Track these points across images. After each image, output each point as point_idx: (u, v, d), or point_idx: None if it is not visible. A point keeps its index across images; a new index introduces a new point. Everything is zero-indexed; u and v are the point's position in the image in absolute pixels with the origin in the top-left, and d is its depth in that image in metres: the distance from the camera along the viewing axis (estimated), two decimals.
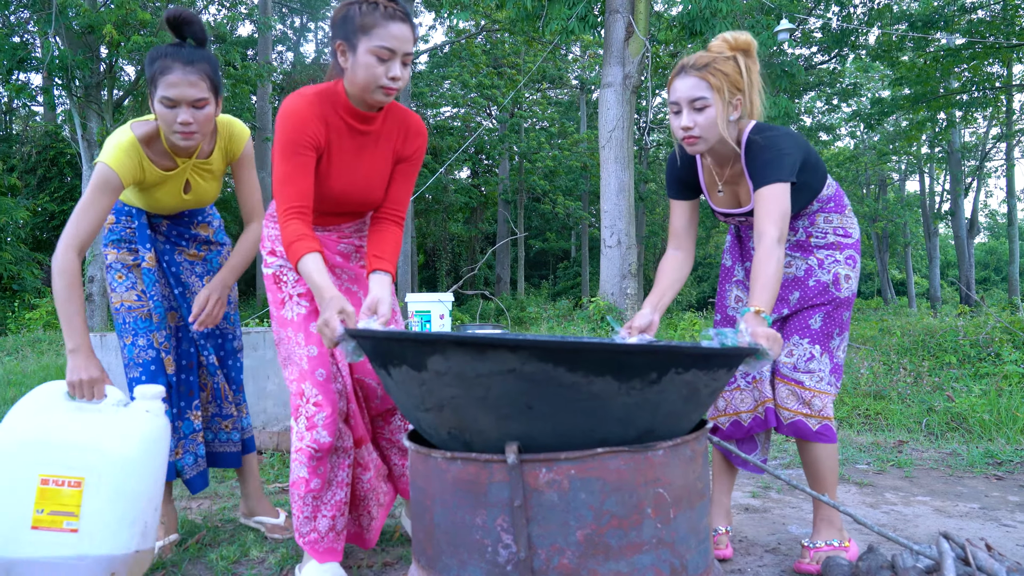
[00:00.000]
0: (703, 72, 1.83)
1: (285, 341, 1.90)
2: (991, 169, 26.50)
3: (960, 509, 2.59)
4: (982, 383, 4.74)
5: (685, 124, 1.85)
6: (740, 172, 1.98)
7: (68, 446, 1.70)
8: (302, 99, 1.75)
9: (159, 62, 1.85)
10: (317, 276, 1.68)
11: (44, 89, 12.14)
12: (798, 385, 2.00)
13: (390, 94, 1.72)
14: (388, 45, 1.66)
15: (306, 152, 1.74)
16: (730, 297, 2.18)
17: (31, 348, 8.39)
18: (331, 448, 1.84)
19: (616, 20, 8.79)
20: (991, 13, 16.46)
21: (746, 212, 2.02)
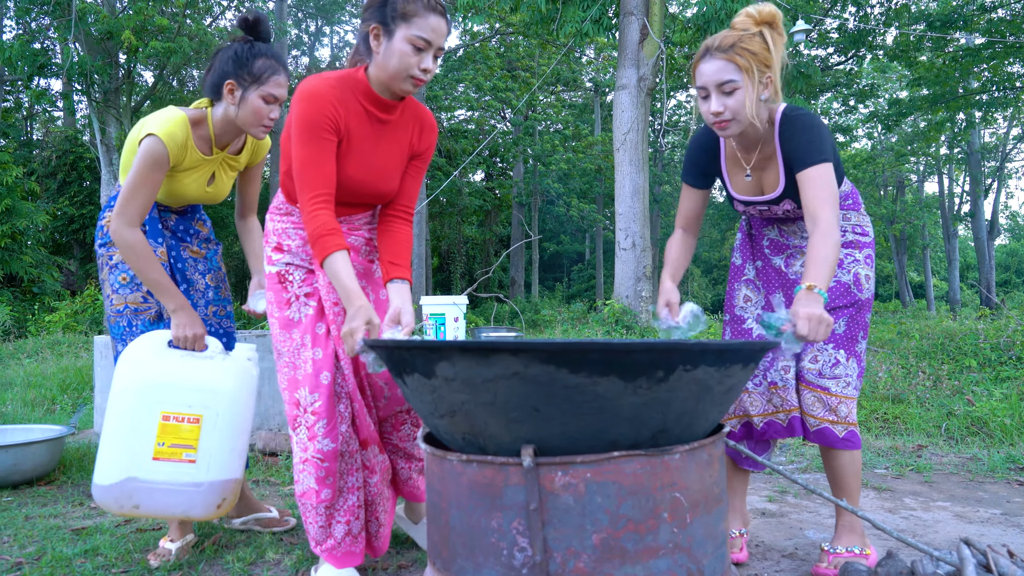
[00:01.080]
0: (729, 54, 1.76)
1: (288, 343, 1.83)
2: (1012, 170, 26.17)
3: (981, 515, 2.55)
4: (1003, 387, 4.67)
5: (715, 109, 1.78)
6: (770, 156, 1.92)
7: (187, 388, 1.93)
8: (323, 81, 1.71)
9: (266, 61, 1.95)
10: (347, 279, 1.64)
11: (64, 94, 12.31)
12: (824, 392, 1.95)
13: (418, 85, 1.71)
14: (426, 36, 1.66)
15: (328, 135, 1.70)
16: (739, 296, 2.13)
17: (51, 350, 8.49)
18: (337, 454, 1.81)
19: (630, 22, 8.78)
20: (1011, 12, 16.24)
21: (769, 200, 1.95)
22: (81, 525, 2.54)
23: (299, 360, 1.82)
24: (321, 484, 1.80)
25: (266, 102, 1.97)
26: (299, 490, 1.83)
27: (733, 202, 2.05)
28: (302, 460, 1.81)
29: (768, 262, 2.11)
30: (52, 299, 13.17)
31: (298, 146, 1.69)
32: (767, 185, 1.96)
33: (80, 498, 2.93)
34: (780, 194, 1.93)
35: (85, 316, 11.92)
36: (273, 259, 1.87)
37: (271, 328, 1.87)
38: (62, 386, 5.87)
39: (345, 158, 1.76)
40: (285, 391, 1.84)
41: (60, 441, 3.25)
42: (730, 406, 1.80)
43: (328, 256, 1.66)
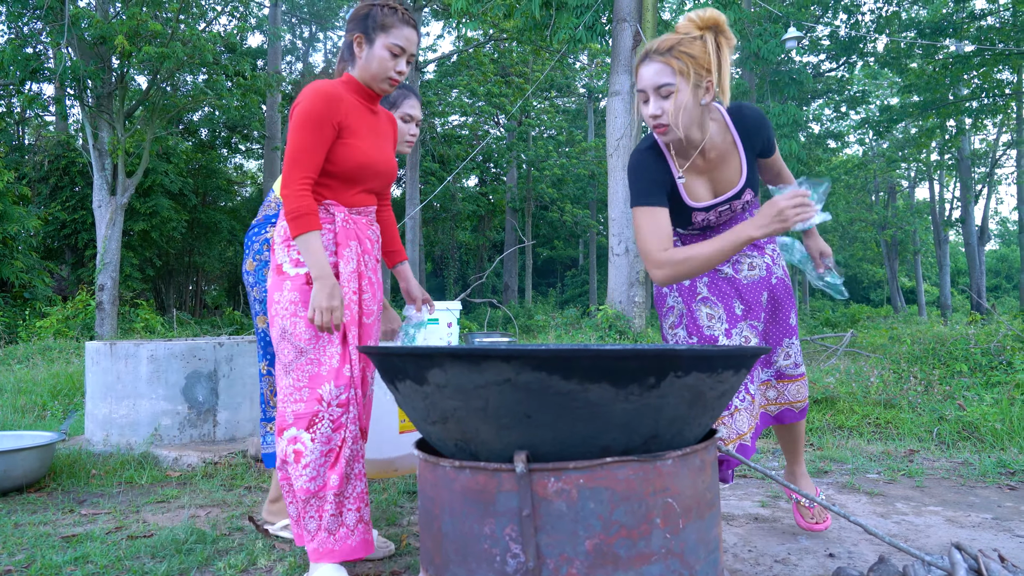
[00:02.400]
0: (667, 57, 1.76)
1: (313, 341, 1.90)
2: (1001, 176, 26.36)
3: (972, 519, 2.56)
4: (994, 392, 4.70)
5: (653, 112, 1.78)
6: (728, 151, 1.91)
7: None
8: (331, 82, 1.95)
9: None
10: (321, 256, 1.87)
11: (56, 99, 12.26)
12: (802, 377, 2.18)
13: (394, 85, 2.01)
14: (401, 44, 1.97)
15: (330, 128, 1.91)
16: (702, 316, 2.06)
17: (42, 356, 8.44)
18: (356, 441, 1.93)
19: (624, 29, 8.82)
20: (1001, 20, 16.40)
21: (731, 197, 1.95)
22: (71, 532, 2.52)
23: (324, 356, 1.91)
24: (334, 472, 1.90)
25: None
26: (313, 487, 1.88)
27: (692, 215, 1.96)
28: (323, 453, 1.88)
29: (716, 274, 2.09)
30: (43, 304, 13.08)
31: (299, 132, 1.88)
32: (725, 182, 1.94)
33: (70, 505, 2.91)
34: (742, 187, 1.95)
35: (76, 322, 11.86)
36: (301, 260, 1.96)
37: (292, 327, 1.91)
38: (53, 392, 5.83)
39: (355, 138, 1.98)
40: (304, 388, 1.90)
41: (50, 448, 3.23)
42: (722, 412, 1.81)
43: (307, 232, 1.86)
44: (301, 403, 1.89)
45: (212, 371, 3.76)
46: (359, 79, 2.01)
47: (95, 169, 12.11)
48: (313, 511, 1.89)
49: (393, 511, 2.73)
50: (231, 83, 14.17)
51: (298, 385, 1.90)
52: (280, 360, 1.95)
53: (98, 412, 3.77)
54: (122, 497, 3.04)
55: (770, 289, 2.07)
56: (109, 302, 11.97)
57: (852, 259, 31.08)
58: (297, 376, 1.91)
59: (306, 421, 1.88)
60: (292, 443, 1.89)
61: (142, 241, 16.33)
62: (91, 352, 3.85)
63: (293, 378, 1.91)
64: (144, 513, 2.79)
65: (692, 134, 1.85)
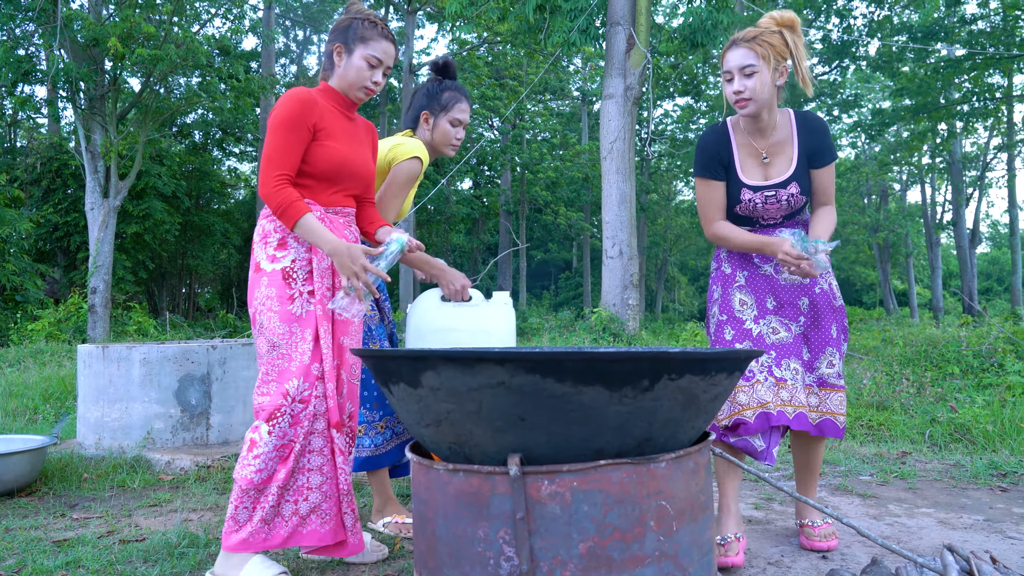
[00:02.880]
0: (751, 43, 2.09)
1: (287, 336, 1.95)
2: (992, 179, 26.52)
3: (964, 521, 2.58)
4: (985, 394, 4.72)
5: (737, 88, 2.09)
6: (783, 143, 2.20)
7: (466, 330, 2.32)
8: (307, 89, 2.03)
9: (453, 93, 2.49)
10: (324, 231, 1.91)
11: (49, 101, 12.22)
12: (842, 390, 2.23)
13: (369, 94, 2.09)
14: (379, 56, 2.05)
15: (305, 130, 1.97)
16: (735, 300, 2.26)
17: (33, 359, 8.40)
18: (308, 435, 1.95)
19: (617, 32, 8.84)
20: (991, 24, 16.50)
21: (776, 184, 2.18)
22: (63, 537, 2.51)
23: (295, 352, 1.95)
24: (281, 465, 1.93)
25: (452, 126, 2.48)
26: (258, 479, 1.91)
27: (740, 193, 2.20)
28: (276, 448, 1.92)
29: (756, 270, 2.29)
30: (35, 307, 13.02)
31: (276, 134, 1.95)
32: (775, 171, 2.20)
33: (62, 509, 2.90)
34: (789, 177, 2.18)
35: (68, 325, 11.80)
36: (277, 256, 2.00)
37: (267, 322, 1.96)
38: (44, 395, 5.80)
39: (331, 139, 2.04)
40: (272, 382, 1.94)
41: (42, 451, 3.21)
42: (716, 414, 1.83)
43: (301, 217, 1.91)
44: (267, 396, 1.94)
45: (205, 374, 3.75)
46: (336, 87, 2.09)
47: (88, 171, 12.06)
48: (249, 502, 1.92)
49: None
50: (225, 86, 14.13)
51: (267, 379, 1.95)
52: (258, 354, 2.00)
53: (90, 415, 3.75)
54: (114, 501, 3.02)
55: (811, 297, 2.23)
56: (101, 305, 11.92)
57: (845, 262, 31.21)
58: (267, 369, 1.96)
59: (267, 414, 1.92)
60: (252, 431, 1.94)
61: (135, 244, 16.28)
62: (83, 355, 3.83)
63: (264, 371, 1.97)
64: (136, 517, 2.77)
65: (763, 114, 2.15)
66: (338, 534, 1.99)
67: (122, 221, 15.07)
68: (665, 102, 23.41)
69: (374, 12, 2.08)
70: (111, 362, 3.71)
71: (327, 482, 1.97)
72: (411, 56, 17.97)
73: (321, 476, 1.97)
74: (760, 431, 2.14)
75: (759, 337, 2.20)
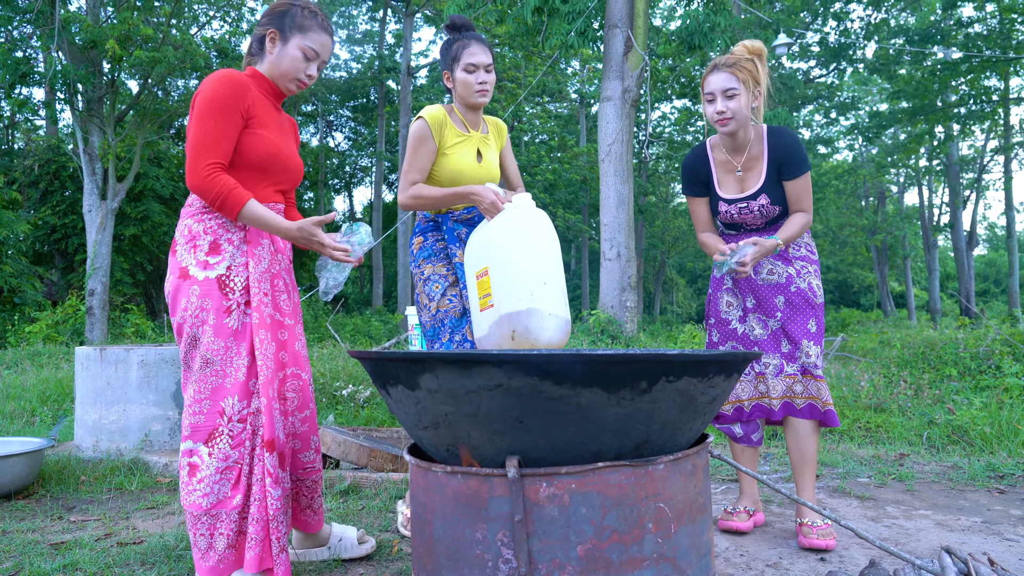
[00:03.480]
0: (732, 68, 2.30)
1: (221, 352, 1.83)
2: (989, 181, 26.58)
3: (962, 523, 2.58)
4: (983, 396, 4.73)
5: (719, 109, 2.29)
6: (756, 158, 2.38)
7: (479, 249, 2.22)
8: (236, 72, 1.89)
9: (461, 42, 2.35)
10: (270, 216, 1.84)
11: (46, 103, 12.20)
12: (822, 380, 2.38)
13: (301, 87, 1.99)
14: (316, 48, 1.96)
15: (237, 116, 1.84)
16: (722, 302, 2.52)
17: (31, 361, 8.38)
18: (251, 457, 1.85)
19: (615, 35, 8.85)
20: (988, 27, 16.55)
21: (748, 196, 2.39)
22: (60, 540, 2.50)
23: (230, 368, 1.84)
24: (234, 490, 1.83)
25: (468, 73, 2.35)
26: (206, 503, 1.80)
27: (718, 205, 2.45)
28: (219, 470, 1.81)
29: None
30: (33, 309, 12.99)
31: (206, 119, 1.80)
32: (748, 184, 2.41)
33: (59, 512, 2.89)
34: (758, 189, 2.37)
35: (66, 327, 11.78)
36: (210, 263, 1.85)
37: (202, 336, 1.83)
38: (42, 398, 5.79)
39: (264, 129, 1.92)
40: (205, 400, 1.82)
41: (39, 454, 3.21)
42: (713, 416, 1.85)
43: (244, 205, 1.81)
44: (201, 415, 1.82)
45: None
46: (267, 75, 1.97)
47: (85, 174, 12.04)
48: (204, 528, 1.81)
49: (385, 517, 2.72)
50: None
51: (199, 397, 1.83)
52: (188, 368, 1.87)
53: (88, 418, 3.74)
54: (111, 504, 3.02)
55: (787, 295, 2.41)
56: (99, 307, 11.90)
57: (842, 264, 31.25)
58: (200, 387, 1.83)
59: (204, 434, 1.81)
60: (188, 455, 1.83)
61: (133, 246, 16.25)
62: (81, 357, 3.83)
63: (195, 388, 1.83)
64: (134, 519, 2.77)
65: (740, 132, 2.35)
66: (264, 561, 1.82)
67: (120, 223, 15.05)
68: (663, 104, 23.43)
69: (313, 2, 1.99)
70: (109, 364, 3.71)
71: (256, 504, 1.83)
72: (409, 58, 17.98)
73: (259, 500, 1.84)
74: (737, 421, 2.47)
75: (743, 336, 2.44)
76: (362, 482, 3.09)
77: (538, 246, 2.14)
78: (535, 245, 2.14)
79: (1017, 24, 15.96)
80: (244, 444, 1.83)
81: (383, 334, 14.75)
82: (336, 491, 3.03)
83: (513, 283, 2.08)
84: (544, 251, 2.14)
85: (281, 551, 1.83)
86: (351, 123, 27.68)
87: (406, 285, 18.15)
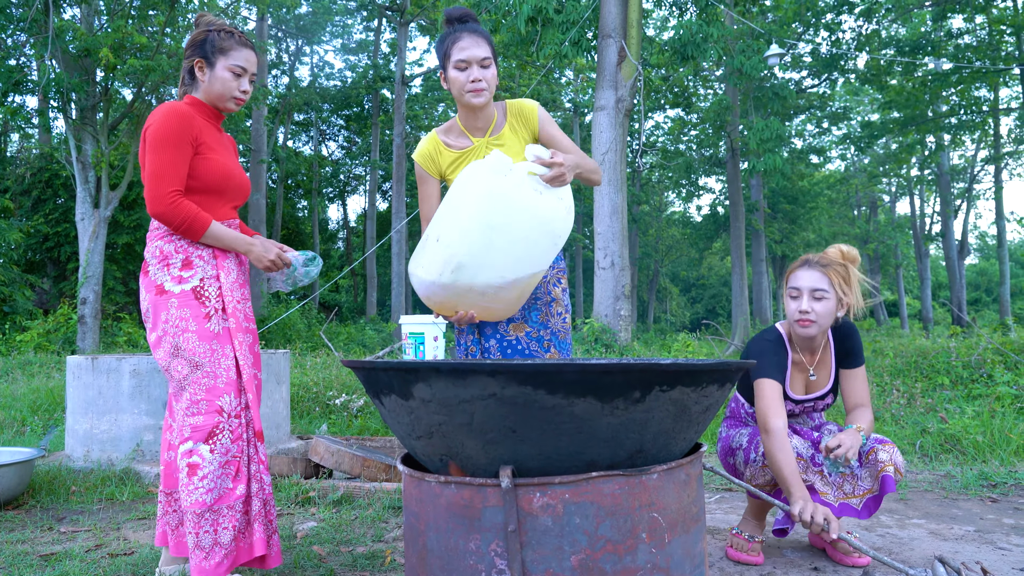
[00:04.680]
0: (826, 269, 2.18)
1: (208, 355, 1.94)
2: (980, 191, 26.78)
3: (955, 532, 2.58)
4: (975, 404, 4.75)
5: (804, 308, 2.16)
6: (825, 358, 2.29)
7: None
8: (182, 104, 2.03)
9: (449, 37, 2.14)
10: (231, 235, 2.01)
11: (39, 111, 12.17)
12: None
13: (239, 104, 2.09)
14: (241, 64, 2.05)
15: (188, 145, 1.97)
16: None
17: (21, 371, 8.32)
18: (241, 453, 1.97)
19: (609, 44, 8.90)
20: (977, 39, 16.72)
21: (817, 397, 2.31)
22: (50, 551, 2.48)
23: (220, 369, 1.95)
24: (236, 482, 1.94)
25: (459, 71, 2.11)
26: (210, 499, 1.89)
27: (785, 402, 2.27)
28: (221, 465, 1.91)
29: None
30: (24, 318, 12.92)
31: (161, 150, 1.93)
32: (817, 384, 2.31)
33: (49, 522, 2.87)
34: (828, 390, 2.30)
35: (58, 336, 11.71)
36: (184, 277, 1.98)
37: (185, 343, 1.93)
38: (33, 407, 5.75)
39: (213, 152, 2.04)
40: (203, 401, 1.92)
41: (30, 464, 3.18)
42: (707, 425, 1.84)
43: (208, 228, 1.96)
44: (200, 416, 1.91)
45: None
46: (204, 100, 2.08)
47: (78, 182, 12.01)
48: (208, 525, 1.88)
49: (378, 527, 2.71)
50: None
51: (195, 399, 1.92)
52: (173, 379, 1.95)
53: (79, 427, 3.72)
54: (103, 514, 3.00)
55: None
56: (91, 316, 11.84)
57: None
58: (194, 390, 1.92)
59: (205, 433, 1.90)
60: (187, 456, 1.90)
61: (126, 254, 16.19)
62: (72, 366, 3.80)
63: (190, 392, 1.92)
64: (125, 530, 2.75)
65: (819, 336, 2.24)
66: (261, 547, 1.95)
67: (113, 231, 14.99)
68: (656, 114, 23.55)
69: (226, 22, 2.08)
70: (100, 373, 3.69)
71: (257, 488, 1.98)
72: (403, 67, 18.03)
73: (258, 485, 1.98)
74: None
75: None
76: (355, 492, 3.08)
77: (457, 202, 1.96)
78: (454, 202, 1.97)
79: (1006, 36, 16.13)
80: (242, 438, 1.95)
81: (377, 343, 14.72)
82: (329, 501, 3.01)
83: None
84: (461, 206, 1.94)
85: (274, 532, 2.00)
86: (345, 132, 27.71)
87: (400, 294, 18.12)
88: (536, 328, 2.26)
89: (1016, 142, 20.31)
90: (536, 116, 2.24)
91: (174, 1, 12.12)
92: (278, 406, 4.00)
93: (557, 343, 2.26)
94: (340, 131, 27.83)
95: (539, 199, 1.97)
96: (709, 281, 34.04)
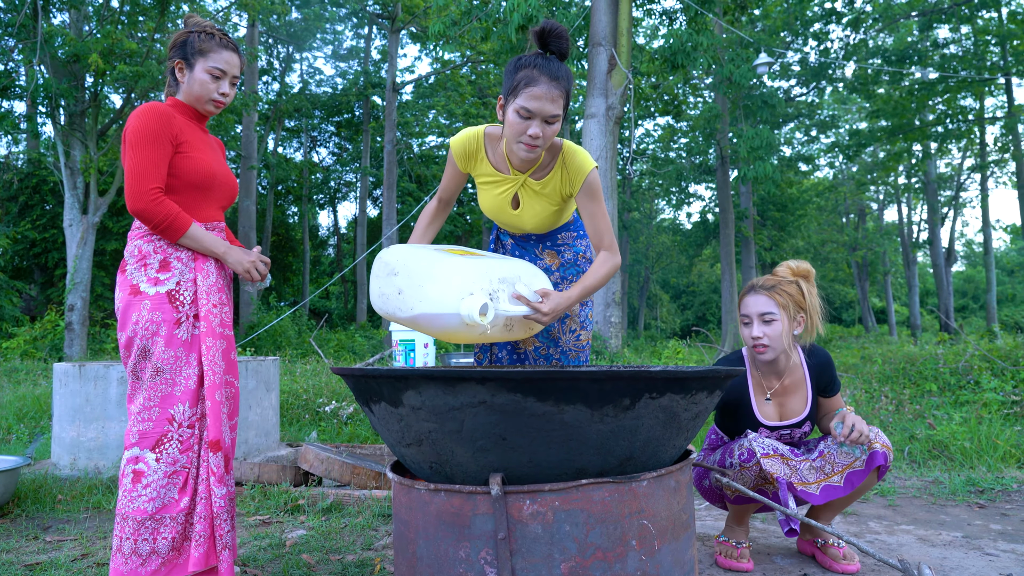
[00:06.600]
0: (771, 292, 2.18)
1: (172, 361, 1.92)
2: (966, 199, 27.03)
3: (943, 538, 2.60)
4: (962, 411, 4.78)
5: (755, 335, 2.17)
6: (797, 384, 2.25)
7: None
8: (161, 104, 2.01)
9: (524, 72, 1.84)
10: (209, 239, 1.99)
11: (27, 117, 12.10)
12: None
13: (219, 107, 2.07)
14: (221, 66, 2.03)
15: (167, 143, 1.95)
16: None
17: (8, 378, 8.24)
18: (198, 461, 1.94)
19: (599, 53, 8.95)
20: (963, 48, 16.92)
21: (792, 424, 2.24)
22: (35, 560, 2.45)
23: (180, 377, 1.93)
24: (182, 493, 1.91)
25: (520, 117, 1.86)
26: (152, 508, 1.86)
27: (759, 429, 2.27)
28: (167, 475, 1.89)
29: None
30: (10, 325, 12.80)
31: (140, 148, 1.92)
32: (791, 411, 2.26)
33: (35, 532, 2.84)
34: (804, 417, 2.24)
35: (45, 342, 11.61)
36: (160, 279, 1.96)
37: (153, 347, 1.91)
38: (19, 415, 5.69)
39: (194, 150, 2.02)
40: (155, 407, 1.90)
41: (15, 472, 3.15)
42: (696, 432, 1.84)
43: (191, 226, 1.95)
44: (149, 423, 1.89)
45: None
46: (185, 101, 2.07)
47: (66, 188, 11.93)
48: (148, 533, 1.86)
49: (368, 535, 2.70)
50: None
51: (148, 405, 1.91)
52: (135, 381, 1.94)
53: (65, 435, 3.68)
54: (89, 523, 2.97)
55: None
56: (79, 323, 11.75)
57: (824, 280, 31.54)
58: (149, 395, 1.91)
59: (152, 441, 1.88)
60: (133, 463, 1.88)
61: (114, 261, 16.08)
62: (59, 374, 3.77)
63: (144, 397, 1.91)
64: (111, 540, 2.72)
65: (780, 359, 2.22)
66: (210, 559, 1.91)
67: (101, 238, 14.90)
68: (646, 122, 23.66)
69: (211, 23, 2.06)
70: (88, 381, 3.66)
71: (202, 503, 1.92)
72: (394, 74, 18.04)
73: (204, 501, 1.93)
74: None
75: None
76: (345, 499, 3.06)
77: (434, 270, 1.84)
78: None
79: (991, 46, 16.33)
80: (192, 448, 1.92)
81: (367, 350, 14.66)
82: (319, 509, 3.00)
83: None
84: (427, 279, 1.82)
85: (224, 548, 1.92)
86: (335, 138, 27.68)
87: None
88: (545, 344, 2.19)
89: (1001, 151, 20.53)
90: (581, 182, 2.00)
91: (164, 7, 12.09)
92: (267, 413, 3.98)
93: (566, 362, 2.20)
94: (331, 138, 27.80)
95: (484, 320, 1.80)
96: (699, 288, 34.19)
